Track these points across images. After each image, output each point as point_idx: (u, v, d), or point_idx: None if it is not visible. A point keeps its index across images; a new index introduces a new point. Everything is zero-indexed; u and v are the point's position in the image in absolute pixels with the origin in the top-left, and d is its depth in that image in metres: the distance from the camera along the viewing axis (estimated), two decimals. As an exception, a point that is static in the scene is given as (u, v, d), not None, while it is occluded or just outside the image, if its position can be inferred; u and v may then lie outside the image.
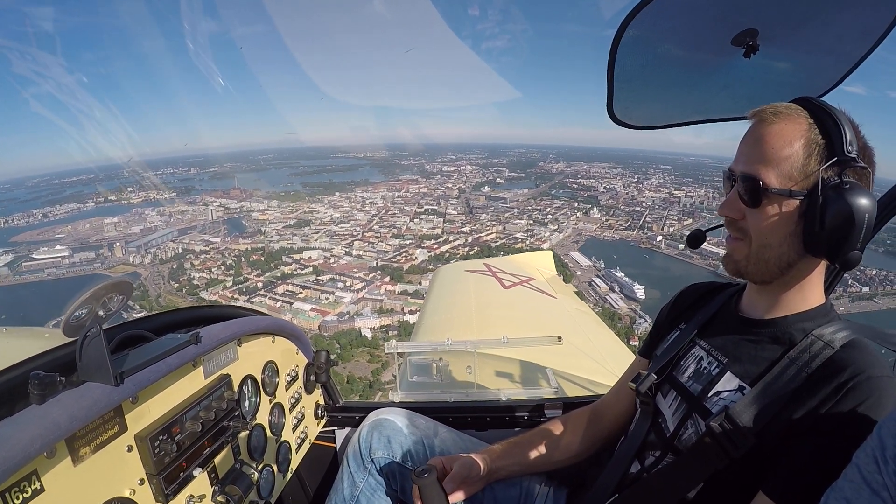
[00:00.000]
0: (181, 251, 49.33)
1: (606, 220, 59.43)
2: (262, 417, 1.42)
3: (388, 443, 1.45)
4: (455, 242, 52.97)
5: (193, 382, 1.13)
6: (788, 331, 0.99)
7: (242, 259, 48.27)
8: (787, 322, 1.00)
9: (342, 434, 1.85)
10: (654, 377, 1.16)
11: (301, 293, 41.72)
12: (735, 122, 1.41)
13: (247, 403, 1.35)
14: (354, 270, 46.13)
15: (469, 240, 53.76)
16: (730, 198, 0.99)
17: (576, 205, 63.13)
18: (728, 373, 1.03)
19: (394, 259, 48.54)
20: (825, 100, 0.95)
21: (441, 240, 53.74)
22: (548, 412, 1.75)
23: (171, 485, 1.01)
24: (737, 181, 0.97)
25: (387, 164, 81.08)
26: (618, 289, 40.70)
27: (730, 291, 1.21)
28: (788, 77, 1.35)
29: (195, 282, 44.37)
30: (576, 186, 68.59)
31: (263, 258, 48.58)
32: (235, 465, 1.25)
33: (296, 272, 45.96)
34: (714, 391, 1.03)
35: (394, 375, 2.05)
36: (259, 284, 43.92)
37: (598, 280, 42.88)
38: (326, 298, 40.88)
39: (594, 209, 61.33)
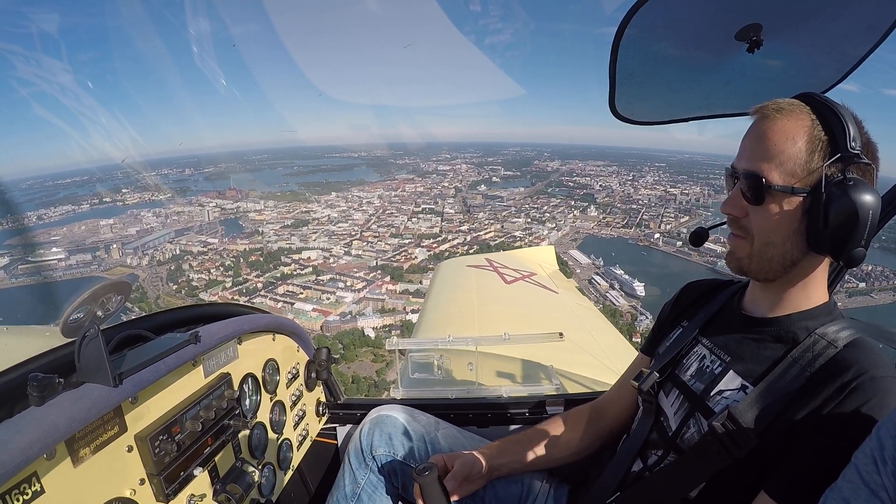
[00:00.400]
0: (179, 252, 49.29)
1: (604, 218, 59.62)
2: (263, 416, 1.42)
3: (390, 440, 1.45)
4: (454, 241, 53.02)
5: (193, 381, 1.12)
6: (791, 329, 0.98)
7: (241, 260, 48.25)
8: (791, 320, 0.99)
9: (343, 431, 1.86)
10: (657, 375, 1.16)
11: (302, 293, 41.76)
12: (735, 119, 1.40)
13: (247, 402, 1.35)
14: (354, 270, 46.14)
15: (468, 238, 53.82)
16: (732, 195, 0.98)
17: (572, 203, 63.30)
18: (731, 371, 1.02)
19: (394, 258, 48.60)
20: (828, 96, 0.94)
21: (440, 238, 53.77)
22: (549, 409, 1.76)
23: (172, 484, 1.01)
24: (739, 178, 0.96)
25: (382, 164, 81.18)
26: (618, 286, 40.85)
27: (732, 289, 1.20)
28: (791, 73, 1.34)
29: (194, 283, 44.31)
30: (572, 185, 68.77)
31: (262, 259, 48.66)
32: (236, 464, 1.24)
33: (295, 272, 46.02)
34: (716, 390, 1.02)
35: (397, 373, 2.06)
36: (259, 285, 43.92)
37: (598, 278, 43.02)
38: (327, 298, 40.93)
39: (591, 207, 61.46)
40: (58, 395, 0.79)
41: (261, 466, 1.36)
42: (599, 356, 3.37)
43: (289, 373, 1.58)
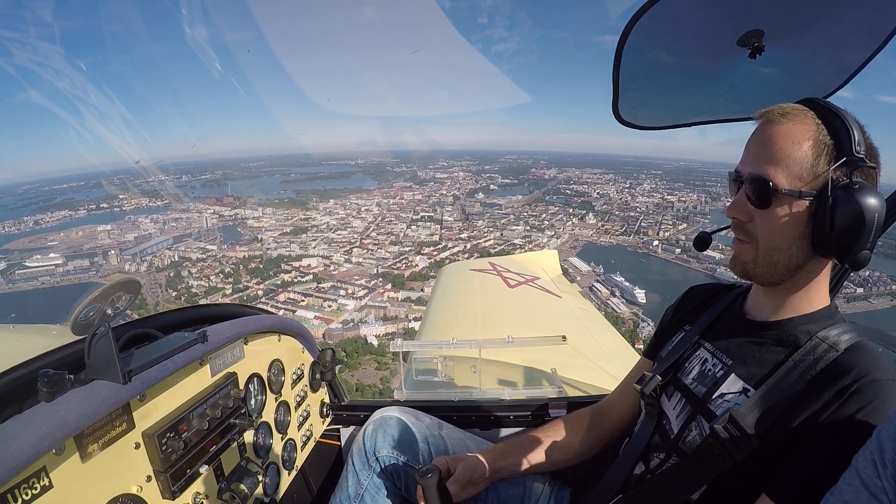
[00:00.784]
0: (178, 259, 49.11)
1: (602, 226, 59.65)
2: (268, 415, 1.43)
3: (393, 441, 1.45)
4: (454, 249, 53.01)
5: (200, 380, 1.13)
6: (793, 333, 0.98)
7: (241, 267, 48.07)
8: (792, 324, 1.00)
9: (347, 432, 1.86)
10: (659, 379, 1.17)
11: (303, 301, 41.62)
12: (731, 126, 1.45)
13: (253, 401, 1.36)
14: (355, 278, 45.99)
15: (468, 246, 53.81)
16: (737, 199, 0.98)
17: (571, 210, 63.23)
18: (732, 375, 1.03)
19: (394, 266, 48.51)
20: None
21: (440, 246, 53.74)
22: (552, 412, 1.76)
23: (178, 482, 1.01)
24: (744, 183, 0.96)
25: (379, 171, 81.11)
26: (618, 293, 40.75)
27: (734, 293, 1.21)
28: (793, 78, 1.34)
29: (194, 290, 44.13)
30: (569, 192, 68.66)
31: (262, 266, 48.51)
32: (241, 463, 1.25)
33: (296, 280, 45.90)
34: (718, 393, 1.03)
35: (401, 375, 2.04)
36: (259, 292, 43.80)
37: (599, 285, 42.93)
38: (329, 306, 40.80)
39: (589, 215, 61.49)
40: (67, 392, 0.80)
41: (265, 466, 1.37)
42: (602, 360, 3.36)
43: (294, 373, 1.59)
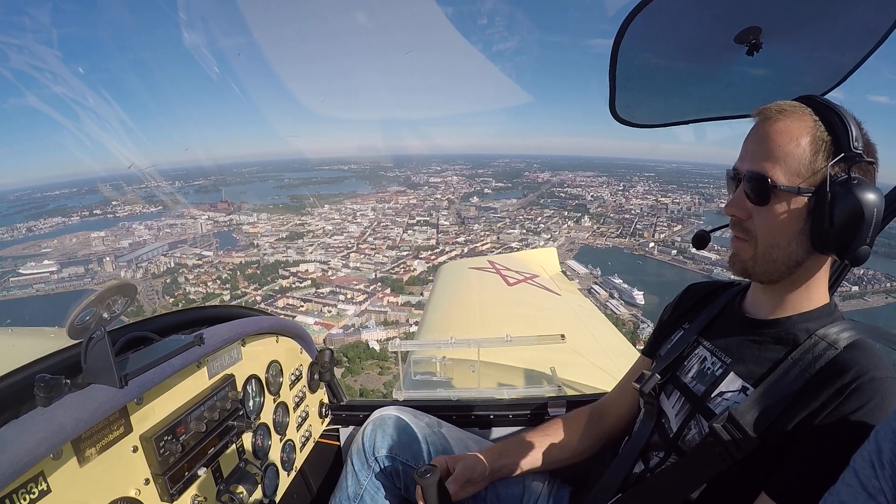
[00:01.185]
0: (174, 265, 48.66)
1: (598, 228, 59.75)
2: (267, 417, 1.43)
3: (392, 441, 1.45)
4: (452, 252, 52.90)
5: (198, 383, 1.13)
6: (792, 331, 0.98)
7: (238, 273, 47.77)
8: (791, 322, 0.99)
9: (346, 432, 1.86)
10: (658, 377, 1.16)
11: (302, 306, 41.25)
12: (728, 122, 1.43)
13: (251, 403, 1.35)
14: (354, 283, 45.76)
15: (465, 250, 53.70)
16: (736, 197, 0.97)
17: (566, 213, 63.08)
18: (731, 373, 1.03)
19: (393, 270, 48.29)
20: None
21: (438, 250, 53.68)
22: (551, 411, 1.75)
23: (176, 484, 1.01)
24: (742, 180, 0.96)
25: (372, 176, 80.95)
26: (617, 295, 40.70)
27: (733, 291, 1.20)
28: (791, 75, 1.34)
29: (191, 296, 43.72)
30: (564, 195, 68.52)
31: (259, 271, 48.11)
32: (240, 465, 1.25)
33: (294, 285, 45.52)
34: (717, 392, 1.03)
35: (399, 374, 2.03)
36: (258, 298, 43.47)
37: (598, 287, 42.86)
38: (329, 311, 40.48)
39: (585, 217, 61.57)
40: (64, 396, 0.80)
41: (264, 467, 1.36)
42: (601, 358, 3.35)
43: (292, 374, 1.58)
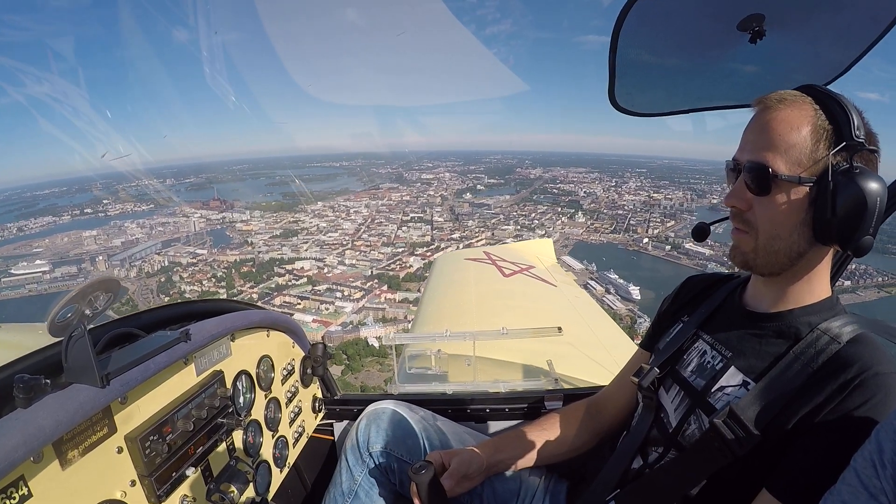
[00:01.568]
0: (168, 264, 48.34)
1: (592, 224, 60.10)
2: (258, 413, 1.40)
3: (386, 436, 1.43)
4: (447, 249, 53.00)
5: (185, 380, 1.10)
6: (794, 325, 0.97)
7: (233, 270, 47.49)
8: (793, 315, 0.98)
9: (340, 427, 1.84)
10: (657, 371, 1.15)
11: (299, 304, 41.19)
12: (720, 113, 1.41)
13: (241, 399, 1.32)
14: (350, 280, 45.69)
15: (460, 246, 53.76)
16: (736, 187, 0.96)
17: (560, 209, 63.34)
18: (732, 367, 1.01)
19: (389, 267, 48.26)
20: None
21: (433, 247, 53.70)
22: (548, 404, 1.73)
23: (164, 485, 0.99)
24: (742, 170, 0.94)
25: (364, 173, 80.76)
26: (613, 290, 41.00)
27: (733, 283, 1.19)
28: (794, 64, 1.31)
29: (187, 294, 43.43)
30: (556, 191, 68.80)
31: (255, 269, 47.90)
32: (230, 463, 1.22)
33: (290, 283, 45.36)
34: (717, 386, 1.01)
35: (394, 368, 2.01)
36: (254, 296, 43.31)
37: (594, 283, 43.09)
38: (326, 309, 40.42)
39: (578, 213, 61.83)
40: (45, 397, 0.77)
41: (255, 464, 1.34)
42: (598, 350, 3.34)
43: (284, 369, 1.55)
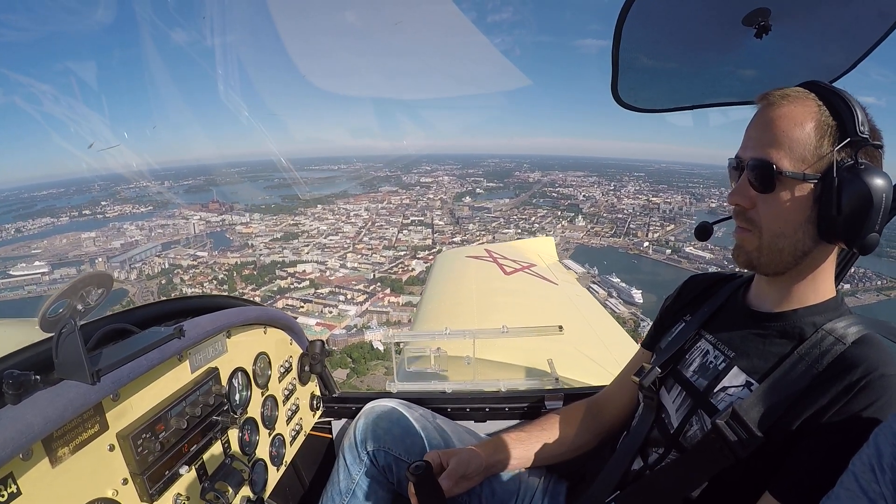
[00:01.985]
0: (168, 266, 48.14)
1: (592, 228, 60.01)
2: (254, 411, 1.38)
3: (385, 434, 1.42)
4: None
5: (179, 377, 1.09)
6: (798, 325, 0.96)
7: (235, 273, 47.34)
8: (797, 315, 0.97)
9: (338, 425, 1.82)
10: (658, 371, 1.13)
11: (302, 307, 40.79)
12: (720, 110, 1.38)
13: (237, 397, 1.31)
14: (353, 283, 45.40)
15: (462, 249, 53.83)
16: (739, 185, 0.94)
17: (559, 213, 63.08)
18: (735, 367, 1.00)
19: (391, 270, 48.06)
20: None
21: (435, 250, 53.65)
22: (548, 404, 1.72)
23: (156, 484, 0.97)
24: (746, 168, 0.93)
25: (363, 176, 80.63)
26: (616, 294, 40.90)
27: (736, 283, 1.18)
28: (800, 60, 1.29)
29: (189, 298, 43.18)
30: (556, 195, 68.47)
31: (256, 272, 47.66)
32: (226, 461, 1.20)
33: (293, 286, 45.14)
34: (720, 386, 1.00)
35: (393, 366, 1.98)
36: (257, 299, 42.83)
37: (596, 286, 42.93)
38: (330, 312, 40.09)
39: (578, 217, 61.73)
40: (35, 393, 0.76)
41: (251, 463, 1.32)
42: (599, 349, 3.32)
43: (281, 366, 1.54)
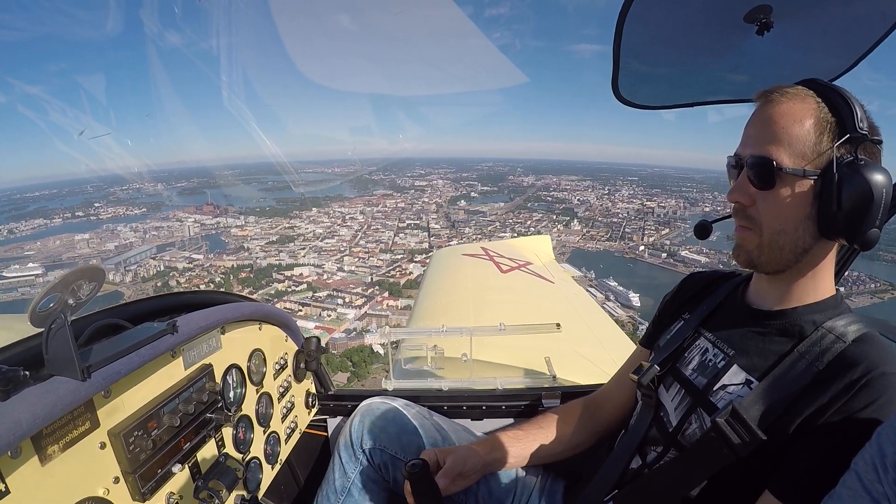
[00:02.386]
0: (163, 268, 47.80)
1: (587, 232, 60.33)
2: (249, 408, 1.36)
3: (381, 432, 1.41)
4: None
5: (172, 374, 1.07)
6: (798, 323, 0.95)
7: (231, 276, 47.06)
8: (797, 313, 0.96)
9: (334, 423, 1.80)
10: (657, 369, 1.13)
11: (300, 311, 40.58)
12: (716, 108, 1.40)
13: (231, 394, 1.29)
14: (351, 286, 45.23)
15: (458, 253, 53.83)
16: (739, 182, 0.94)
17: (554, 217, 63.35)
18: (734, 366, 0.99)
19: (389, 274, 47.89)
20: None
21: (432, 254, 53.63)
22: (545, 402, 1.71)
23: (148, 483, 0.95)
24: (745, 165, 0.92)
25: (357, 179, 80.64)
26: (613, 297, 41.00)
27: (735, 281, 1.17)
28: (802, 58, 1.29)
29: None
30: (550, 199, 68.98)
31: (253, 275, 47.40)
32: (220, 459, 1.19)
33: (290, 289, 44.89)
34: (720, 385, 0.99)
35: (389, 364, 1.98)
36: (255, 302, 42.66)
37: (593, 290, 43.15)
38: (328, 315, 40.00)
39: (574, 221, 61.82)
40: (24, 389, 0.74)
41: (246, 461, 1.30)
42: (596, 347, 3.30)
43: (276, 363, 1.51)
